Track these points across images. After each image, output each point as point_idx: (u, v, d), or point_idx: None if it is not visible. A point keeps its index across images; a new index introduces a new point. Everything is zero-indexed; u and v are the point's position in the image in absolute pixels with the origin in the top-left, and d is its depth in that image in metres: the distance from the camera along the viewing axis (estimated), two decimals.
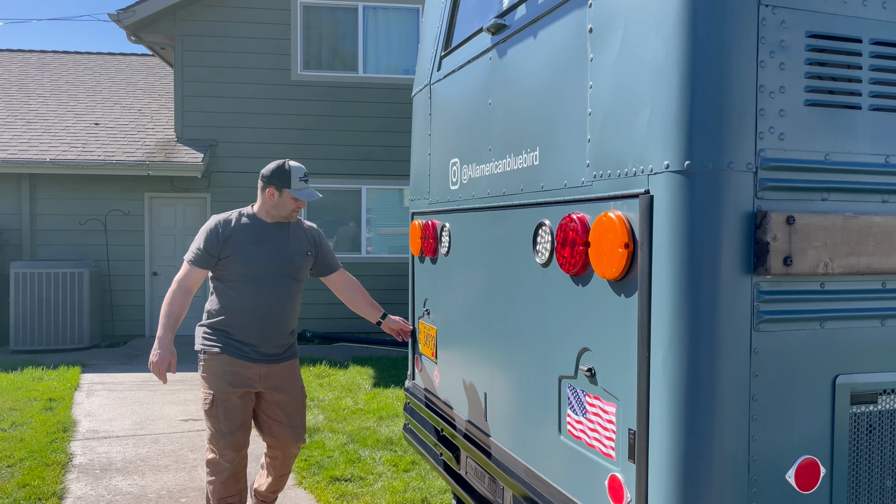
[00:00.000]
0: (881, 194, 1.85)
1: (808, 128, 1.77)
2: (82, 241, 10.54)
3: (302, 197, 3.31)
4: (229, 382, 3.30)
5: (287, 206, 3.34)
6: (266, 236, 3.35)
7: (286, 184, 3.30)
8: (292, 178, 3.31)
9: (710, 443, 1.73)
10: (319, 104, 10.87)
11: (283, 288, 3.37)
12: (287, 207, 3.34)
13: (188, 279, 3.30)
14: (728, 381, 1.72)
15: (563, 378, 2.26)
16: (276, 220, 3.39)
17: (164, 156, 10.25)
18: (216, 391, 3.30)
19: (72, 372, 8.08)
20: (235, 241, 3.28)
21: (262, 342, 3.33)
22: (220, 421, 3.31)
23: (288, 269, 3.37)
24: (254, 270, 3.29)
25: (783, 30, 1.75)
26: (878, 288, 1.86)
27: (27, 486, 4.52)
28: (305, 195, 3.32)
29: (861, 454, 1.87)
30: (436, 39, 3.60)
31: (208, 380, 3.33)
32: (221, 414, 3.30)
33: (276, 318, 3.36)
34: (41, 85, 12.78)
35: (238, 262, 3.27)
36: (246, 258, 3.28)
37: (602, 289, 2.02)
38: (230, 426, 3.31)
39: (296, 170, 3.33)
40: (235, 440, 3.33)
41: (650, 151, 1.83)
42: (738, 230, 1.71)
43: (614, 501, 1.96)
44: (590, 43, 2.12)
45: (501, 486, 2.70)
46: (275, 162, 3.36)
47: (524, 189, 2.53)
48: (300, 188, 3.33)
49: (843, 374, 1.82)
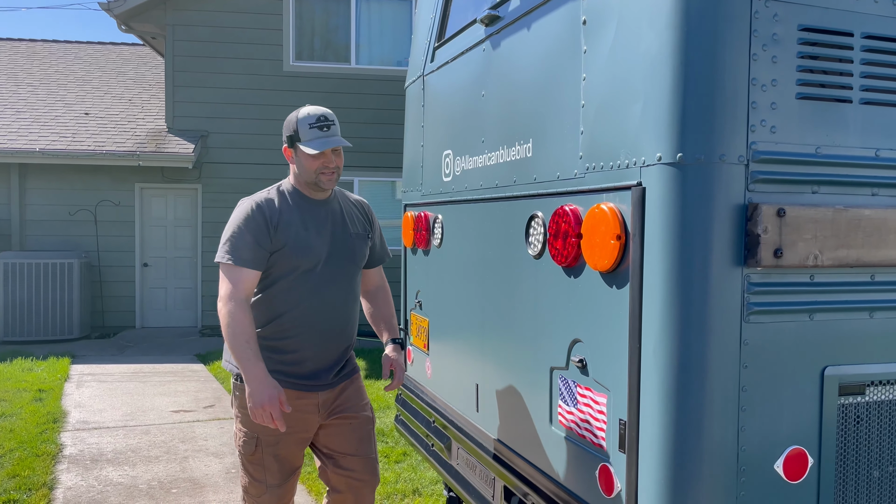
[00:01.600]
0: (871, 187, 1.86)
1: (800, 121, 1.79)
2: (72, 231, 10.49)
3: (315, 147, 2.44)
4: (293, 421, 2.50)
5: (307, 166, 2.49)
6: (316, 217, 2.56)
7: (296, 136, 2.49)
8: (300, 128, 2.48)
9: (699, 433, 1.74)
10: (312, 95, 10.81)
11: (346, 284, 2.61)
12: (308, 168, 2.49)
13: (243, 288, 2.39)
14: (718, 371, 1.74)
15: (554, 369, 2.27)
16: (316, 194, 2.58)
17: (154, 146, 10.20)
18: (262, 434, 2.50)
19: (62, 363, 8.05)
20: (286, 227, 2.48)
21: (321, 359, 2.56)
22: (264, 470, 2.54)
23: (350, 259, 2.62)
24: (310, 264, 2.50)
25: (775, 23, 1.75)
26: (867, 280, 1.87)
27: (17, 477, 4.51)
28: (318, 144, 2.45)
29: (849, 445, 1.89)
30: (429, 30, 3.59)
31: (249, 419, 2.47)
32: (268, 462, 2.53)
33: (339, 323, 2.59)
34: (30, 74, 12.67)
35: (291, 256, 2.47)
36: (301, 249, 2.49)
37: (594, 280, 2.03)
38: (280, 477, 2.55)
39: (305, 115, 2.50)
40: (285, 493, 2.60)
41: (643, 144, 1.83)
42: (730, 222, 1.73)
43: (605, 491, 1.97)
44: (583, 35, 2.12)
45: (493, 477, 2.71)
46: None
47: (517, 181, 2.53)
48: (313, 137, 2.46)
49: (832, 366, 1.84)
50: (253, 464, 2.54)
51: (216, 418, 6.13)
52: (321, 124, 2.48)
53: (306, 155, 2.47)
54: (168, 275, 10.94)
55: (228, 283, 2.38)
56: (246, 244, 2.42)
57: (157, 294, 10.93)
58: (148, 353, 9.12)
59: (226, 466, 4.90)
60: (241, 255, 2.40)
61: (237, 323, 2.34)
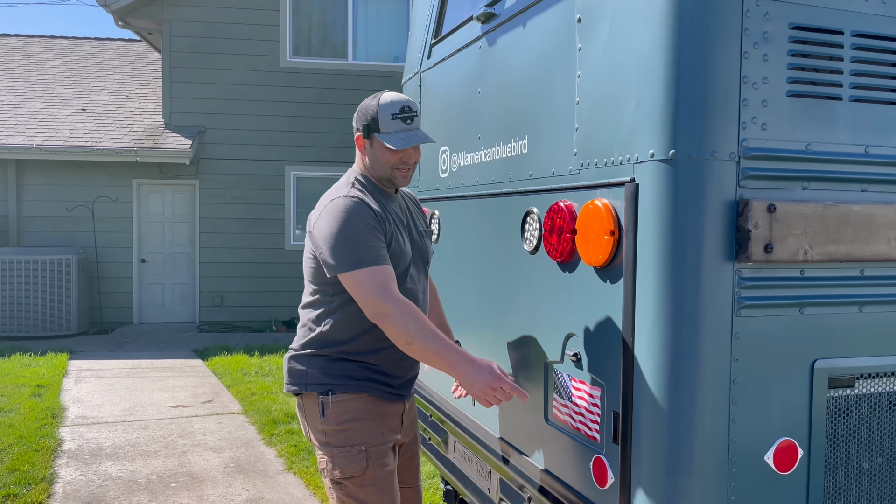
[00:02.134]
0: (860, 183, 1.89)
1: (790, 118, 1.81)
2: (70, 227, 10.50)
3: (395, 144, 2.21)
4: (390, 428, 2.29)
5: (382, 160, 2.26)
6: (394, 214, 2.32)
7: (375, 125, 2.25)
8: (381, 117, 2.23)
9: (691, 425, 1.77)
10: (309, 91, 10.83)
11: (425, 286, 2.43)
12: (384, 163, 2.27)
13: (394, 286, 2.12)
14: (709, 365, 1.77)
15: (549, 363, 2.30)
16: (387, 189, 2.35)
17: (152, 142, 10.20)
18: (369, 443, 2.22)
19: (60, 359, 8.07)
20: (389, 224, 2.25)
21: (408, 368, 2.34)
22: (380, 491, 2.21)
23: (425, 259, 2.43)
24: (402, 266, 2.27)
25: (766, 21, 1.78)
26: (857, 275, 1.90)
27: (16, 472, 4.54)
28: (401, 139, 2.22)
29: (838, 437, 1.92)
30: (426, 27, 3.61)
31: (352, 431, 2.21)
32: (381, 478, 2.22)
33: None
34: (27, 70, 12.66)
35: (394, 256, 2.23)
36: (401, 248, 2.26)
37: (588, 275, 2.05)
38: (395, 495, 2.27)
39: (387, 102, 2.24)
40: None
41: (636, 140, 1.86)
42: (721, 218, 1.75)
43: (599, 483, 2.00)
44: (578, 33, 2.14)
45: (489, 470, 2.75)
46: None
47: (513, 177, 2.56)
48: (395, 130, 2.23)
49: (822, 359, 1.87)
50: (364, 486, 2.19)
51: (214, 413, 6.16)
52: (405, 115, 2.24)
53: (385, 148, 2.24)
54: (166, 271, 10.96)
55: (377, 285, 2.08)
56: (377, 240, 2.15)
57: (155, 290, 10.95)
58: (146, 348, 9.14)
59: (224, 461, 4.93)
60: (376, 254, 2.12)
61: (416, 317, 2.08)
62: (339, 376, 2.23)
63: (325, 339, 2.24)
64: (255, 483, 4.52)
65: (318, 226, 2.19)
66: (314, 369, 2.25)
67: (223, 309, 10.87)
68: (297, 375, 2.28)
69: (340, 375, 2.23)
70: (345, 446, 2.22)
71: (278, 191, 10.91)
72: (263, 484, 4.51)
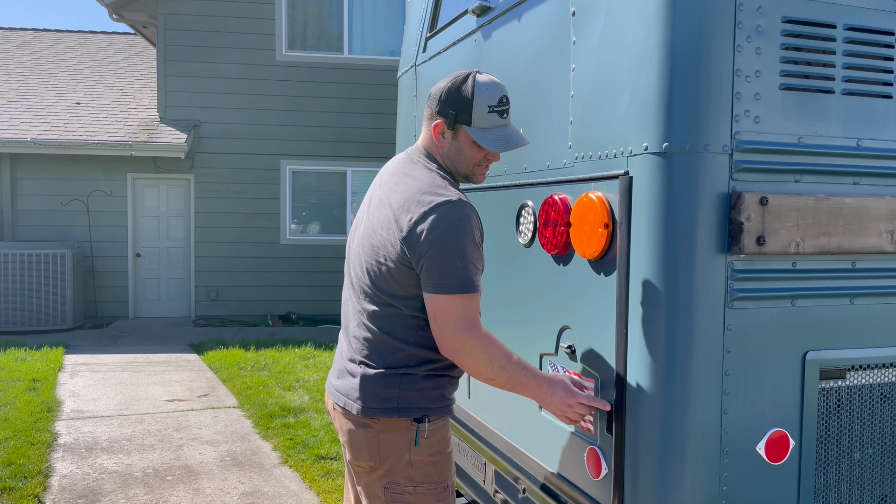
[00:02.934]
0: (852, 176, 1.90)
1: (783, 111, 1.82)
2: (64, 221, 10.47)
3: (492, 145, 1.93)
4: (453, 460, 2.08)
5: (467, 156, 1.98)
6: None
7: (465, 116, 1.92)
8: (477, 106, 1.91)
9: (684, 416, 1.79)
10: (304, 85, 10.81)
11: None
12: (468, 159, 1.98)
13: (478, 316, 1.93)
14: (702, 356, 1.78)
15: (544, 355, 2.31)
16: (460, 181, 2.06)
17: (147, 136, 10.18)
18: (450, 478, 2.02)
19: (55, 353, 8.07)
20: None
21: None
22: None
23: None
24: None
25: (759, 15, 1.79)
26: (848, 267, 1.92)
27: (12, 465, 4.54)
28: (497, 140, 1.93)
29: (829, 427, 1.94)
30: (421, 21, 3.61)
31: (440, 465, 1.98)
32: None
33: None
34: (21, 63, 12.61)
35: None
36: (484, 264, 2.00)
37: (582, 268, 2.07)
38: None
39: (485, 90, 1.92)
40: None
41: (630, 134, 1.87)
42: (714, 210, 1.76)
43: (593, 474, 2.02)
44: (573, 26, 2.15)
45: (484, 462, 2.76)
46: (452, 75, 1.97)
47: (507, 170, 2.56)
48: (490, 125, 1.93)
49: (813, 351, 1.88)
50: None
51: (210, 407, 6.17)
52: (502, 109, 1.93)
53: (472, 144, 1.95)
54: (161, 265, 10.95)
55: (468, 313, 1.86)
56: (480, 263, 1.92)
57: (150, 284, 10.94)
58: (141, 342, 9.13)
59: (220, 454, 4.94)
60: (477, 279, 1.90)
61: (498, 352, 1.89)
62: (434, 398, 1.95)
63: (420, 357, 1.93)
64: (251, 476, 4.54)
65: (429, 233, 1.83)
66: (409, 391, 1.92)
67: (219, 303, 10.87)
68: (387, 399, 1.92)
69: (435, 398, 1.96)
70: (431, 482, 1.96)
71: (274, 185, 10.90)
72: (259, 477, 4.52)
